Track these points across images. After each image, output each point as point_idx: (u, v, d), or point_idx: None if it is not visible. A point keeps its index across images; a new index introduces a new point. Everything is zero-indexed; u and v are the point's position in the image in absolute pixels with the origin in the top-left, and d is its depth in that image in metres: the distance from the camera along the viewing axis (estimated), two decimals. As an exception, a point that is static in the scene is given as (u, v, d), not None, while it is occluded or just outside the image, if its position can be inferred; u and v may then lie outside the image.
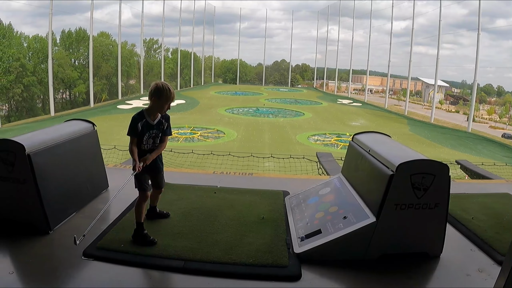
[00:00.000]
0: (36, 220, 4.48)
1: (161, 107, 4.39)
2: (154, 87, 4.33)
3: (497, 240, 4.64)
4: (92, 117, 27.34)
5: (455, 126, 43.42)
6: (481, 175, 11.29)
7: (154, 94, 4.31)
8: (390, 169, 4.06)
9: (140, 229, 4.36)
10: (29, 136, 4.75)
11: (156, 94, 4.31)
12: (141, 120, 4.35)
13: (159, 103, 4.35)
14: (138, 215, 4.40)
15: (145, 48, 71.97)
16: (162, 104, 4.36)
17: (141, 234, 4.34)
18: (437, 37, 45.96)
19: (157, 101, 4.33)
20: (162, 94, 4.31)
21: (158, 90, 4.30)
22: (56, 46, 57.60)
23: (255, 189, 6.08)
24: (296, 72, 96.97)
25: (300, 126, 34.31)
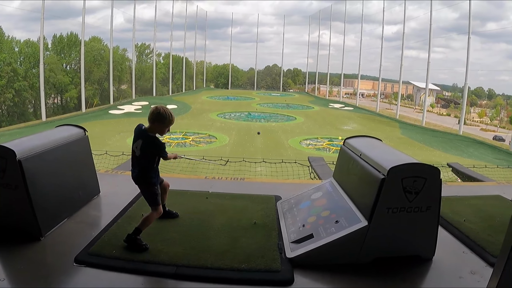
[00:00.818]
0: (27, 226, 4.45)
1: (162, 131, 4.52)
2: (157, 112, 4.44)
3: (489, 242, 4.66)
4: (83, 122, 27.30)
5: (446, 129, 43.64)
6: (473, 177, 11.36)
7: (157, 120, 4.44)
8: (381, 173, 4.07)
9: (138, 234, 4.36)
10: (20, 141, 4.72)
11: (159, 120, 4.45)
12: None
13: (161, 127, 4.49)
14: (145, 225, 4.41)
15: (137, 53, 71.83)
16: (163, 128, 4.50)
17: (136, 239, 4.34)
18: (428, 41, 46.23)
19: (159, 125, 4.47)
20: (166, 120, 4.46)
21: (162, 117, 4.44)
22: (48, 50, 57.37)
23: (247, 194, 6.08)
24: (288, 76, 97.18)
25: (292, 130, 34.37)
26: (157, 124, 4.44)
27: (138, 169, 4.52)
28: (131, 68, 63.31)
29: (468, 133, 41.76)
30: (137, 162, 4.53)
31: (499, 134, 53.19)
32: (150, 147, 4.46)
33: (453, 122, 51.62)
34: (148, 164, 4.50)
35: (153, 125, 4.46)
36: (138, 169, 4.52)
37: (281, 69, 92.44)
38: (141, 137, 4.51)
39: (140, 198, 5.77)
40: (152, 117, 4.44)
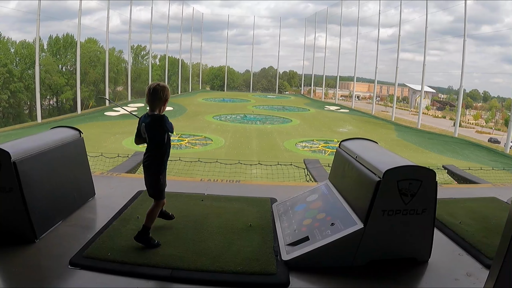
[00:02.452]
0: (22, 229, 4.43)
1: (163, 107, 4.49)
2: (153, 88, 4.41)
3: (485, 244, 4.67)
4: (79, 124, 27.25)
5: (441, 132, 43.74)
6: (468, 179, 11.38)
7: (154, 96, 4.39)
8: (377, 175, 4.07)
9: (146, 232, 4.41)
10: (15, 143, 4.71)
11: (155, 95, 4.40)
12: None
13: (160, 103, 4.43)
14: (151, 221, 4.45)
15: (133, 54, 71.74)
16: (163, 103, 4.47)
17: (147, 238, 4.40)
18: (423, 44, 46.36)
19: (158, 102, 4.41)
20: (162, 94, 4.41)
21: (156, 91, 4.39)
22: (44, 52, 57.24)
23: (242, 197, 6.07)
24: (284, 79, 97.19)
25: (288, 132, 34.36)
26: (157, 102, 4.40)
27: (146, 155, 4.50)
28: (127, 69, 63.24)
29: (464, 135, 41.88)
30: (146, 148, 4.50)
31: (494, 136, 53.40)
32: (155, 122, 4.39)
33: (448, 125, 51.77)
34: (156, 150, 4.44)
35: (153, 104, 4.41)
36: (146, 155, 4.49)
37: (277, 71, 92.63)
38: (144, 120, 4.47)
39: (135, 200, 5.77)
40: (149, 95, 4.40)
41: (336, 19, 71.78)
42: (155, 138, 4.43)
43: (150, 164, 4.46)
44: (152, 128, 4.39)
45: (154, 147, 4.45)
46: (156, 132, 4.41)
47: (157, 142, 4.43)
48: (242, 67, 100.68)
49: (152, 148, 4.45)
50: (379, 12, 57.32)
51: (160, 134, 4.41)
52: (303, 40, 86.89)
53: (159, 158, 4.45)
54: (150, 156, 4.45)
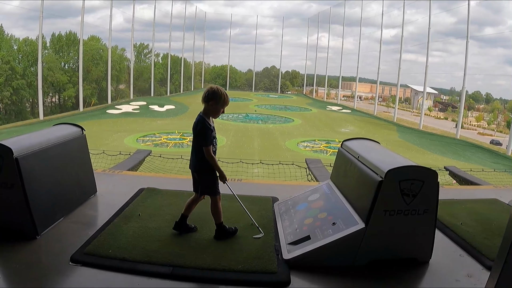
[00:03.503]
0: (23, 225, 4.43)
1: (218, 111, 4.51)
2: (212, 91, 4.43)
3: (486, 246, 4.66)
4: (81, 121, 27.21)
5: (443, 133, 43.67)
6: (470, 181, 11.38)
7: (212, 98, 4.42)
8: (379, 175, 4.07)
9: (222, 227, 4.63)
10: (17, 139, 4.71)
11: (214, 99, 4.43)
12: (210, 126, 4.48)
13: (216, 107, 4.47)
14: (219, 217, 4.63)
15: (135, 52, 71.75)
16: (219, 108, 4.49)
17: (226, 231, 4.61)
18: (426, 45, 46.27)
19: (214, 105, 4.45)
20: (220, 99, 4.45)
21: (216, 95, 4.43)
22: (46, 49, 57.24)
23: (244, 195, 6.05)
24: (286, 78, 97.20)
25: (290, 132, 34.34)
26: (211, 103, 4.43)
27: (193, 156, 4.56)
28: (129, 68, 63.23)
29: (466, 137, 41.80)
30: (192, 147, 4.57)
31: (496, 138, 53.30)
32: (197, 124, 4.46)
33: (450, 126, 51.74)
34: (200, 151, 4.49)
35: (207, 105, 4.45)
36: (193, 155, 4.56)
37: (279, 71, 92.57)
38: (196, 118, 4.52)
39: (137, 198, 5.77)
40: (207, 96, 4.43)
41: (339, 19, 71.79)
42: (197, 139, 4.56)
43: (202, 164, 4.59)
44: (197, 125, 4.52)
45: (198, 146, 4.56)
46: (198, 131, 4.53)
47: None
48: (245, 66, 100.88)
49: (196, 146, 4.57)
50: (382, 12, 57.24)
51: (198, 136, 4.54)
52: (306, 40, 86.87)
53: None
54: (197, 155, 4.58)
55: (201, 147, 4.45)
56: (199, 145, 4.46)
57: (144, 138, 28.42)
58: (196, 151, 4.52)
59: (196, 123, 4.47)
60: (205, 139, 4.42)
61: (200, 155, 4.48)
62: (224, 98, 4.47)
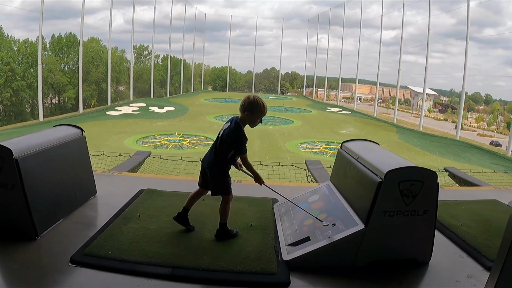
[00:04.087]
0: (23, 226, 4.44)
1: (254, 121, 4.52)
2: (248, 101, 4.45)
3: (486, 246, 4.67)
4: (81, 122, 27.24)
5: (443, 134, 43.67)
6: (470, 182, 11.36)
7: (248, 109, 4.44)
8: (378, 176, 4.07)
9: (225, 228, 4.63)
10: (17, 140, 4.72)
11: (250, 109, 4.44)
12: (245, 135, 4.52)
13: (252, 117, 4.48)
14: (226, 217, 4.64)
15: (135, 54, 71.78)
16: (255, 118, 4.50)
17: (227, 232, 4.63)
18: (426, 46, 46.29)
19: (250, 115, 4.46)
20: (257, 109, 4.46)
21: (253, 105, 4.45)
22: (46, 50, 57.26)
23: (243, 196, 6.06)
24: (286, 80, 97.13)
25: (290, 133, 34.34)
26: (248, 113, 4.44)
27: (214, 154, 4.56)
28: (129, 69, 63.24)
29: (465, 138, 41.78)
30: (215, 147, 4.56)
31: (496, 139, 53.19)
32: (233, 132, 4.46)
33: (450, 127, 51.65)
34: (225, 153, 4.50)
35: (244, 114, 4.46)
36: (214, 154, 4.56)
37: (279, 72, 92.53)
38: (231, 121, 4.55)
39: (136, 199, 5.77)
40: (244, 105, 4.45)
41: (339, 21, 71.75)
42: (227, 143, 4.58)
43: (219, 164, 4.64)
44: (232, 132, 4.56)
45: (224, 149, 4.59)
46: (232, 139, 4.56)
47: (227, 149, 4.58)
48: (245, 68, 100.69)
49: (222, 149, 4.59)
50: (382, 14, 57.25)
51: (232, 143, 4.56)
52: (306, 42, 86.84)
53: (226, 160, 4.61)
54: (218, 155, 4.61)
55: (226, 152, 4.49)
56: (227, 148, 4.49)
57: (144, 139, 28.40)
58: (217, 153, 4.54)
59: (232, 129, 4.48)
60: (241, 148, 4.46)
61: (220, 158, 4.52)
62: (261, 109, 4.46)
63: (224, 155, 4.50)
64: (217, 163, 4.55)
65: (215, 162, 4.56)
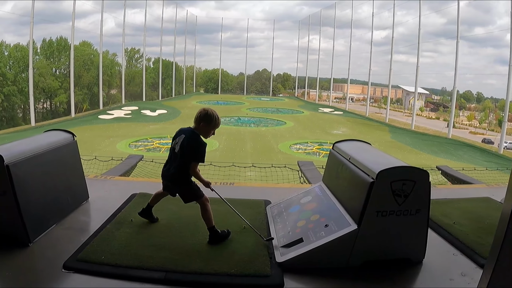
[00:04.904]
0: (15, 232, 4.40)
1: (208, 132, 4.62)
2: (204, 113, 4.55)
3: (479, 244, 4.68)
4: (73, 127, 27.19)
5: (435, 133, 43.89)
6: (462, 180, 11.45)
7: (204, 120, 4.54)
8: (370, 176, 4.07)
9: (215, 231, 4.59)
10: (7, 146, 4.68)
11: (205, 120, 4.55)
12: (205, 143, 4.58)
13: (207, 128, 4.58)
14: (210, 220, 4.59)
15: (127, 57, 71.63)
16: (210, 129, 4.61)
17: (219, 236, 4.57)
18: (417, 46, 46.50)
19: (206, 126, 4.56)
20: (212, 121, 4.57)
21: (209, 117, 4.56)
22: (37, 55, 57.07)
23: (236, 199, 6.04)
24: (278, 81, 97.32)
25: (282, 135, 34.39)
26: (204, 124, 4.53)
27: (174, 167, 4.57)
28: (120, 72, 63.13)
29: (457, 136, 42.02)
30: (174, 160, 4.58)
31: (488, 137, 53.62)
32: (191, 142, 4.49)
33: (442, 126, 51.95)
34: (187, 164, 4.51)
35: (199, 126, 4.54)
36: (174, 167, 4.57)
37: (271, 73, 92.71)
38: (184, 132, 4.59)
39: (129, 203, 5.75)
40: (200, 117, 4.53)
41: (330, 22, 71.98)
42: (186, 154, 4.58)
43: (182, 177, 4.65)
44: (191, 142, 4.57)
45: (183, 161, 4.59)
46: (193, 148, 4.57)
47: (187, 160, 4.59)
48: (237, 70, 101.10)
49: (181, 161, 4.58)
50: (373, 14, 57.55)
51: (192, 153, 4.57)
52: (297, 43, 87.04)
53: (187, 170, 4.60)
54: (180, 168, 4.62)
55: (188, 163, 4.50)
56: (188, 159, 4.50)
57: (136, 143, 28.35)
58: (180, 166, 4.55)
59: (190, 139, 4.51)
60: (198, 155, 4.50)
61: (183, 170, 4.54)
62: (215, 121, 4.58)
63: (186, 167, 4.53)
64: (181, 176, 4.58)
65: (179, 177, 4.59)
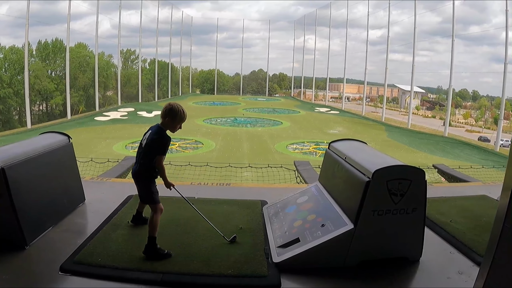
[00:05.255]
0: (12, 235, 4.39)
1: (175, 127, 4.56)
2: (169, 108, 4.49)
3: (476, 242, 4.70)
4: (69, 129, 27.17)
5: (432, 131, 43.96)
6: (458, 178, 11.43)
7: (169, 115, 4.48)
8: (366, 175, 4.08)
9: (154, 243, 4.33)
10: (3, 149, 4.68)
11: (170, 115, 4.48)
12: (169, 138, 4.53)
13: (173, 123, 4.52)
14: (154, 230, 4.37)
15: (122, 59, 71.55)
16: (176, 124, 4.54)
17: (156, 249, 4.32)
18: (412, 45, 46.56)
19: (171, 121, 4.50)
20: (177, 115, 4.50)
21: (174, 111, 4.49)
22: (33, 57, 56.94)
23: (233, 200, 6.05)
24: (274, 81, 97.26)
25: (279, 135, 34.39)
26: (169, 119, 4.48)
27: (139, 164, 4.52)
28: (116, 74, 63.05)
29: (454, 134, 42.10)
30: (140, 156, 4.53)
31: (484, 135, 53.71)
32: (154, 136, 4.46)
33: (438, 124, 52.04)
34: (150, 160, 4.45)
35: (165, 120, 4.49)
36: (139, 163, 4.52)
37: (267, 74, 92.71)
38: (152, 128, 4.57)
39: (126, 205, 5.74)
40: (165, 112, 4.49)
41: (325, 21, 72.09)
42: (151, 149, 4.52)
43: (143, 172, 4.55)
44: (155, 135, 4.53)
45: (148, 156, 4.52)
46: (155, 143, 4.51)
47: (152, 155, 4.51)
48: (233, 70, 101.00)
49: (145, 157, 4.52)
50: (368, 13, 57.63)
51: (156, 147, 4.52)
52: (293, 43, 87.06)
53: (151, 167, 4.52)
54: (143, 164, 4.53)
55: (151, 158, 4.44)
56: (153, 154, 4.44)
57: (133, 144, 28.24)
58: (143, 161, 4.49)
59: (154, 133, 4.49)
60: (161, 148, 4.45)
61: (146, 165, 4.47)
62: (181, 115, 4.52)
63: (149, 162, 4.46)
64: (143, 171, 4.50)
65: (141, 171, 4.51)
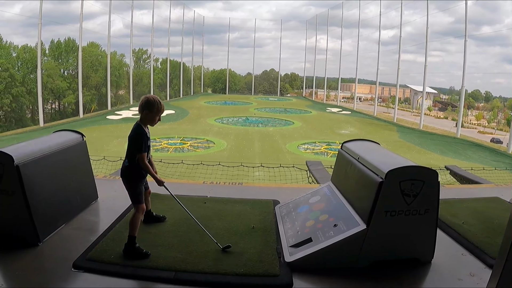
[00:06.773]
0: (25, 232, 4.44)
1: (153, 120, 4.51)
2: (145, 100, 4.46)
3: (488, 244, 4.67)
4: (81, 127, 27.25)
5: (444, 132, 43.61)
6: (471, 180, 11.36)
7: (145, 107, 4.44)
8: (379, 176, 4.07)
9: (133, 243, 4.31)
10: (17, 147, 4.72)
11: (147, 107, 4.43)
12: (145, 134, 4.46)
13: (150, 115, 4.46)
14: (134, 229, 4.34)
15: (134, 58, 71.72)
16: (154, 116, 4.49)
17: (134, 248, 4.30)
18: (424, 45, 46.28)
19: (148, 113, 4.45)
20: (154, 107, 4.44)
21: (149, 104, 4.44)
22: (46, 56, 57.24)
23: (245, 199, 6.06)
24: (285, 81, 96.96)
25: (290, 135, 34.29)
26: (146, 112, 4.45)
27: (124, 161, 4.52)
28: (128, 73, 63.22)
29: (466, 135, 41.72)
30: (126, 154, 4.52)
31: (496, 136, 53.18)
32: (131, 133, 4.45)
33: (450, 125, 51.66)
34: (131, 158, 4.45)
35: (143, 114, 4.47)
36: (125, 161, 4.52)
37: (279, 73, 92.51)
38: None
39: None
40: (142, 105, 4.46)
41: (337, 21, 71.69)
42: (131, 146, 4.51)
43: (128, 171, 4.55)
44: (131, 133, 4.51)
45: (130, 154, 4.52)
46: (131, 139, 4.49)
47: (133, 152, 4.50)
48: (244, 70, 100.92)
49: (129, 154, 4.52)
50: (380, 14, 57.27)
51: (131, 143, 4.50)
52: (305, 43, 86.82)
53: (134, 165, 4.50)
54: (127, 162, 4.53)
55: (133, 155, 4.42)
56: (132, 152, 4.43)
57: (144, 143, 28.21)
58: (126, 157, 4.49)
59: (132, 131, 4.46)
60: (136, 145, 4.40)
61: (130, 163, 4.46)
62: (158, 106, 4.47)
63: (131, 160, 4.45)
64: (126, 168, 4.49)
65: (125, 168, 4.50)
